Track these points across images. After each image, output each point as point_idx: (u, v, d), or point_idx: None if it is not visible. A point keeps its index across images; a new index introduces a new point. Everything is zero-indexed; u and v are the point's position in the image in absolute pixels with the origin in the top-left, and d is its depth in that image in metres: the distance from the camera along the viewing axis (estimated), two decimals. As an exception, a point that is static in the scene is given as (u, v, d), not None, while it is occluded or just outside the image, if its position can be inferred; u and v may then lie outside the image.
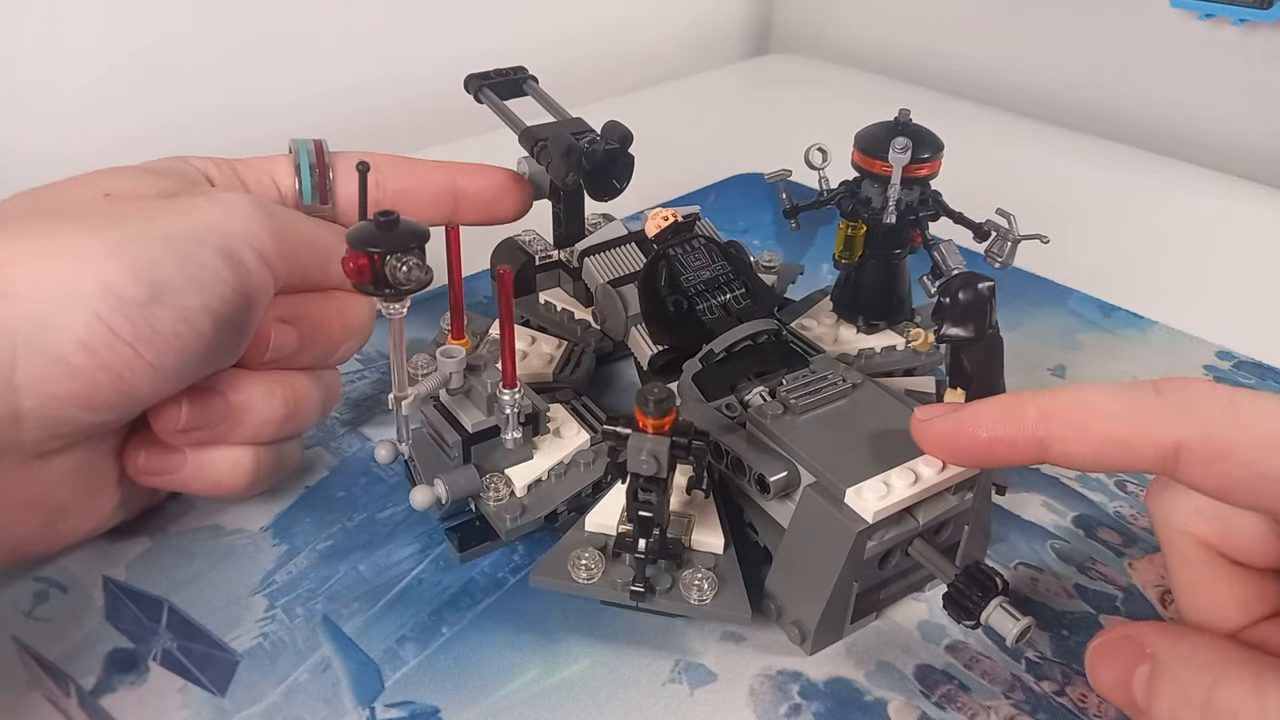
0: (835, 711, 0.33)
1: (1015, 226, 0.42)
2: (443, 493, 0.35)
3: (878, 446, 0.33)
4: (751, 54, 1.03)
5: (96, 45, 0.63)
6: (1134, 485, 0.43)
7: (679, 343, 0.40)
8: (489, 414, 0.37)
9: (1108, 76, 0.80)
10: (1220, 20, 0.72)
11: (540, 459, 0.38)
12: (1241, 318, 0.55)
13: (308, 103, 0.73)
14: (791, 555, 0.34)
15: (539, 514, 0.36)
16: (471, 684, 0.33)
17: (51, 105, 0.63)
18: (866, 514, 0.31)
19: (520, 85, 0.49)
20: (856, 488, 0.32)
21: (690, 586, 0.33)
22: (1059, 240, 0.45)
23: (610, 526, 0.35)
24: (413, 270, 0.31)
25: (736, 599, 0.33)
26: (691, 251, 0.41)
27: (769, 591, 0.35)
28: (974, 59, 0.87)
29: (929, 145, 0.43)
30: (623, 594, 0.33)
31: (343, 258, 0.31)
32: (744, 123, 0.49)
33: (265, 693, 0.33)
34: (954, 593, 0.31)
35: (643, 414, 0.31)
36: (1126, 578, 0.38)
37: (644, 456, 0.31)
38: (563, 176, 0.44)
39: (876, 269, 0.46)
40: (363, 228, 0.32)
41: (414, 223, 0.32)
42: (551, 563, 0.34)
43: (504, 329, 0.35)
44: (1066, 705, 0.33)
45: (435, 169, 0.44)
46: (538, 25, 0.84)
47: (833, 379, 0.37)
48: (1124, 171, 0.73)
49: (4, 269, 0.30)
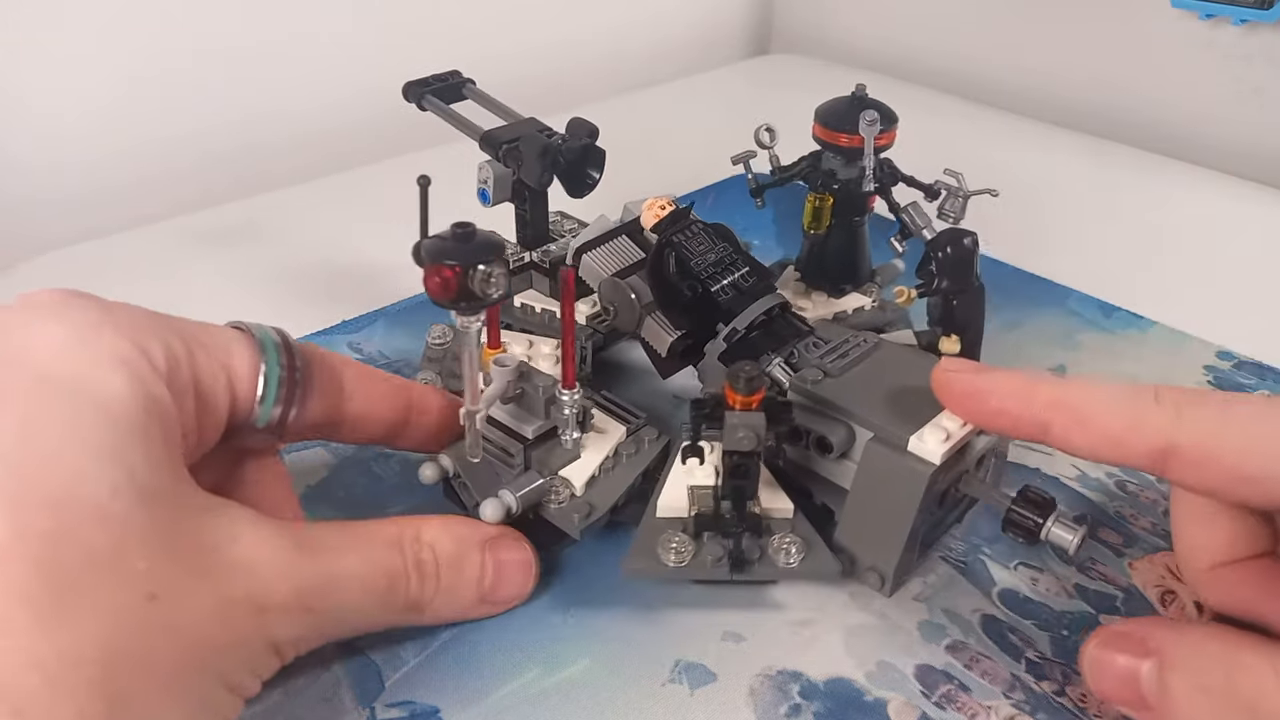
0: (835, 711, 0.33)
1: (964, 184, 0.45)
2: (512, 502, 0.35)
3: (917, 396, 0.35)
4: (751, 54, 1.03)
5: (100, 57, 0.63)
6: (1134, 485, 0.43)
7: (697, 326, 0.41)
8: (545, 417, 0.37)
9: (1108, 76, 0.80)
10: (1221, 20, 0.72)
11: (589, 456, 0.38)
12: (1241, 318, 0.55)
13: (307, 104, 0.73)
14: (861, 507, 0.36)
15: (604, 509, 0.37)
16: (471, 684, 0.33)
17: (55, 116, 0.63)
18: (934, 457, 0.34)
19: (460, 89, 0.49)
20: (918, 434, 0.34)
21: (779, 551, 0.35)
22: (1059, 240, 0.45)
23: (681, 509, 0.36)
24: (497, 280, 0.31)
25: (824, 558, 0.35)
26: (694, 237, 0.42)
27: (839, 545, 0.37)
28: (974, 59, 0.87)
29: (887, 118, 0.46)
30: (720, 570, 0.35)
31: (425, 274, 0.30)
32: (744, 123, 0.49)
33: (265, 693, 0.32)
34: (1014, 515, 0.34)
35: (734, 392, 0.33)
36: (1126, 578, 0.38)
37: (742, 434, 0.33)
38: (537, 177, 0.44)
39: (840, 236, 0.49)
40: (436, 243, 0.30)
41: (486, 231, 0.31)
42: (641, 552, 0.35)
43: (565, 329, 0.35)
44: (1066, 705, 0.33)
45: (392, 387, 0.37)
46: (538, 26, 0.84)
47: (853, 342, 0.39)
48: (1124, 171, 0.73)
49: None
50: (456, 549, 0.33)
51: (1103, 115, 0.80)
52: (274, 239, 0.61)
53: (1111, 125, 0.79)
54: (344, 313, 0.53)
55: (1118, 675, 0.29)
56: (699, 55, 0.96)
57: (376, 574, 0.31)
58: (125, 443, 0.26)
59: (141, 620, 0.25)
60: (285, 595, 0.28)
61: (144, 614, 0.25)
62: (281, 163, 0.72)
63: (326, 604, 0.30)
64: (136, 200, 0.66)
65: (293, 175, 0.70)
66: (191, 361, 0.30)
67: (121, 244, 0.61)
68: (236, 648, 0.27)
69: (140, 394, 0.27)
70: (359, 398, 0.35)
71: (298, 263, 0.59)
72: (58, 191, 0.64)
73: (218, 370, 0.30)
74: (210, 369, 0.30)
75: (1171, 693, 0.28)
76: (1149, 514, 0.41)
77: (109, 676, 0.24)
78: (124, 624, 0.24)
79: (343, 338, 0.51)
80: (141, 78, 0.65)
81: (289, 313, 0.53)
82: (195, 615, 0.26)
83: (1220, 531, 0.32)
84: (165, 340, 0.29)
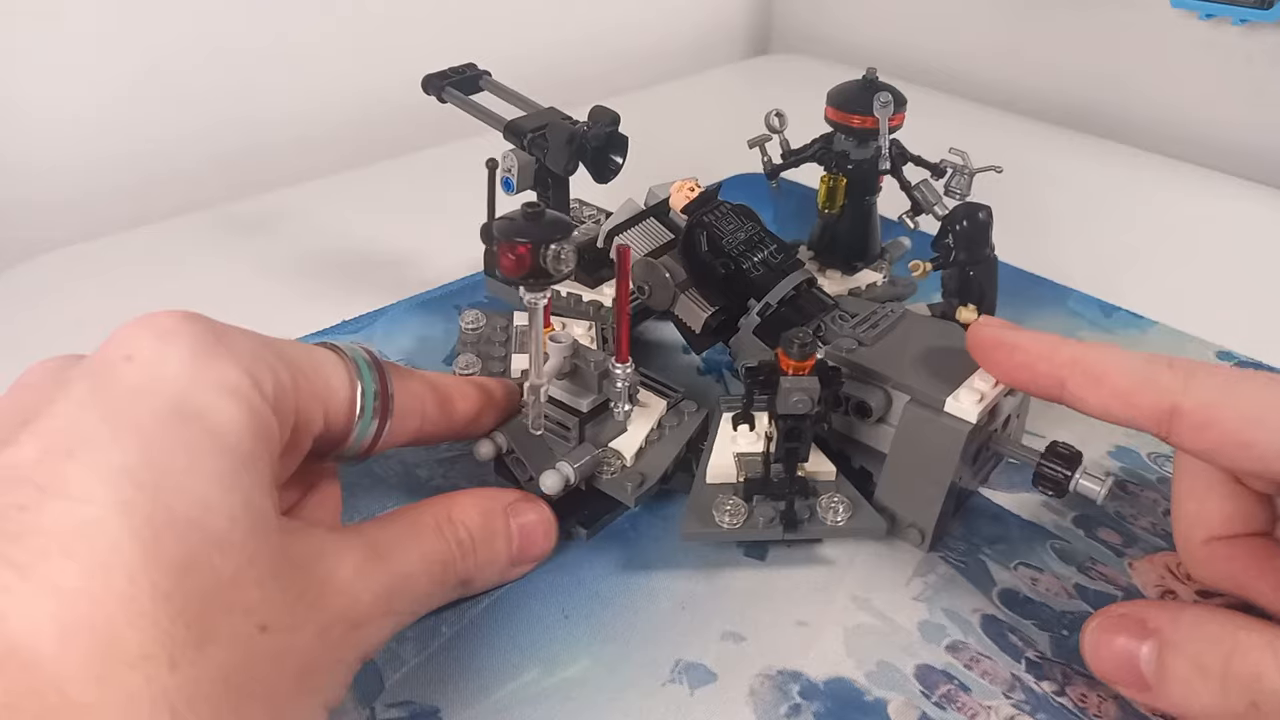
0: (835, 711, 0.33)
1: (969, 161, 0.47)
2: (570, 474, 0.37)
3: (947, 360, 0.38)
4: (751, 54, 1.03)
5: (100, 57, 0.63)
6: (1134, 486, 0.43)
7: (730, 302, 0.42)
8: (597, 392, 0.38)
9: (1108, 76, 0.80)
10: (1221, 20, 0.72)
11: (635, 429, 0.39)
12: (1241, 318, 0.55)
13: (308, 103, 0.73)
14: (900, 467, 0.38)
15: (655, 478, 0.38)
16: (471, 684, 0.33)
17: (55, 116, 0.63)
18: (970, 416, 0.35)
19: (476, 81, 0.50)
20: (954, 395, 0.36)
21: (827, 510, 0.37)
22: (1059, 240, 0.45)
23: (729, 475, 0.38)
24: (567, 257, 0.33)
25: (870, 516, 0.37)
26: (723, 217, 0.43)
27: (879, 505, 0.38)
28: (974, 59, 0.87)
29: (898, 100, 0.48)
30: (774, 530, 0.36)
31: (500, 251, 0.33)
32: (744, 123, 0.50)
33: (265, 693, 0.33)
34: (1044, 468, 0.35)
35: (788, 358, 0.34)
36: (1127, 578, 0.38)
37: (796, 397, 0.34)
38: (564, 164, 0.45)
39: (852, 215, 0.51)
40: (508, 223, 0.33)
41: (554, 211, 0.33)
42: (696, 516, 0.37)
43: (620, 305, 0.36)
44: (1067, 705, 0.33)
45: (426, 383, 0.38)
46: (538, 26, 0.84)
47: (881, 313, 0.41)
48: (1124, 171, 0.73)
49: None
50: (484, 520, 0.34)
51: (1103, 115, 0.80)
52: (274, 238, 0.61)
53: (1111, 125, 0.79)
54: (344, 312, 0.53)
55: (1116, 656, 0.30)
56: (699, 55, 0.96)
57: (434, 564, 0.32)
58: (241, 472, 0.26)
59: (255, 651, 0.25)
60: (370, 605, 0.29)
61: (257, 645, 0.25)
62: (282, 162, 0.72)
63: (404, 603, 0.31)
64: (137, 200, 0.66)
65: (293, 175, 0.70)
66: (296, 390, 0.30)
67: (122, 244, 0.61)
68: (335, 667, 0.28)
69: (252, 423, 0.27)
70: (436, 420, 0.36)
71: (298, 262, 0.59)
72: (58, 192, 0.64)
73: (318, 397, 0.31)
74: (311, 396, 0.31)
75: (1170, 673, 0.28)
76: (1149, 514, 0.41)
77: (228, 711, 0.24)
78: (241, 656, 0.24)
79: (343, 337, 0.51)
80: (141, 78, 0.65)
81: (289, 312, 0.53)
82: (301, 643, 0.26)
83: (1218, 505, 0.33)
84: (275, 369, 0.29)
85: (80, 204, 0.64)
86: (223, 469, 0.26)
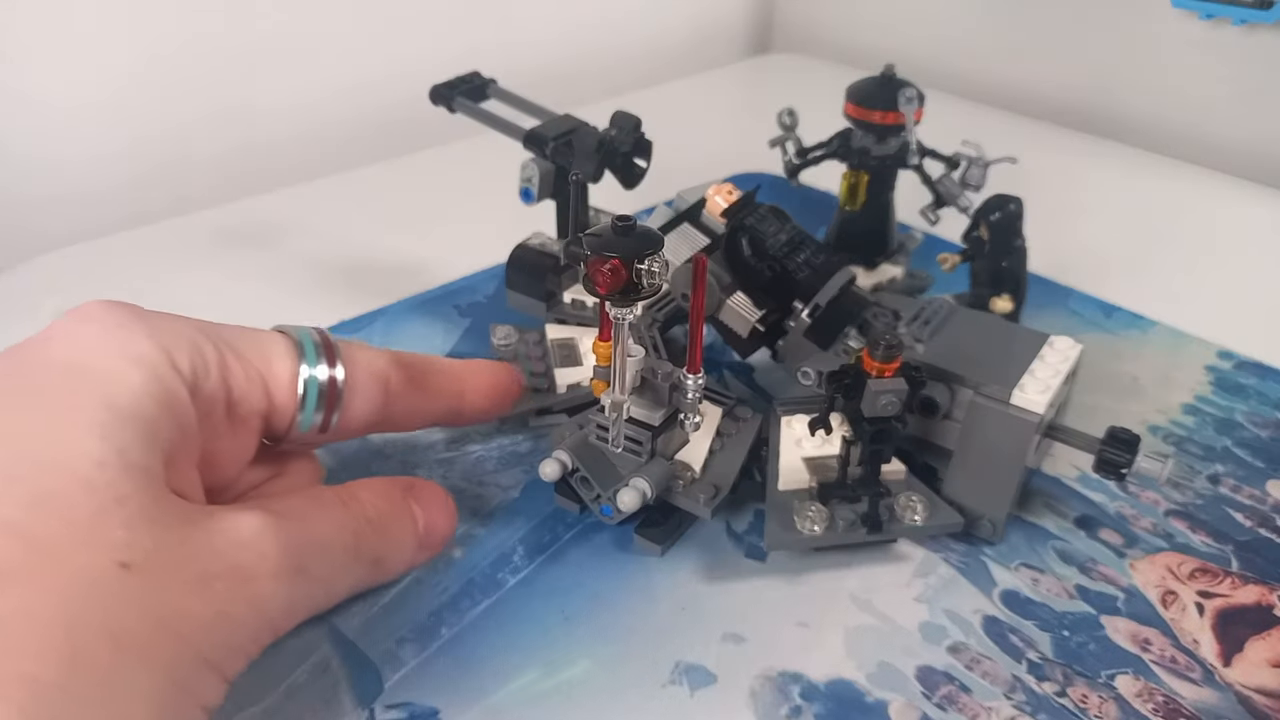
0: (836, 713, 0.32)
1: (983, 152, 0.48)
2: (647, 489, 0.36)
3: (1002, 353, 0.38)
4: (751, 54, 1.03)
5: (101, 55, 0.63)
6: (1134, 485, 0.43)
7: (778, 304, 0.42)
8: (667, 404, 0.37)
9: (1108, 76, 0.80)
10: (1221, 21, 0.72)
11: (698, 439, 0.39)
12: (1242, 318, 0.55)
13: (308, 103, 0.73)
14: (969, 461, 0.38)
15: (726, 488, 0.38)
16: (471, 685, 0.33)
17: (55, 113, 0.62)
18: (1038, 407, 0.36)
19: (484, 90, 0.49)
20: (1019, 387, 0.36)
21: (905, 510, 0.37)
22: (1059, 240, 0.45)
23: (801, 481, 0.38)
24: (660, 272, 0.32)
25: (947, 512, 0.37)
26: (763, 219, 0.43)
27: (948, 499, 0.38)
28: (974, 59, 0.87)
29: (920, 96, 0.48)
30: (857, 532, 0.36)
31: (592, 266, 0.31)
32: (744, 122, 0.50)
33: (265, 693, 0.32)
34: (1105, 454, 0.36)
35: (873, 360, 0.34)
36: (1128, 578, 0.38)
37: (885, 400, 0.34)
38: (592, 171, 0.45)
39: (871, 211, 0.51)
40: (599, 237, 0.31)
41: (646, 225, 0.32)
42: (779, 527, 0.37)
43: (694, 315, 0.35)
44: (1068, 706, 0.33)
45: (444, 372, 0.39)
46: (538, 26, 0.84)
47: (930, 308, 0.41)
48: (1124, 171, 0.73)
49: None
50: (388, 503, 0.34)
51: (1101, 115, 0.80)
52: (275, 238, 0.61)
53: (1110, 125, 0.79)
54: (344, 312, 0.52)
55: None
56: (699, 55, 0.96)
57: (346, 532, 0.31)
58: (123, 426, 0.27)
59: (112, 587, 0.25)
60: (277, 560, 0.28)
61: (115, 581, 0.25)
62: (283, 161, 0.72)
63: (318, 566, 0.30)
64: (137, 199, 0.66)
65: (293, 174, 0.70)
66: (224, 369, 0.30)
67: (122, 243, 0.61)
68: (218, 621, 0.27)
69: (156, 391, 0.28)
70: (406, 397, 0.36)
71: (298, 261, 0.59)
72: (58, 189, 0.64)
73: (254, 378, 0.31)
74: (245, 377, 0.31)
75: None
76: (1150, 514, 0.41)
77: (69, 639, 0.24)
78: (92, 589, 0.24)
79: (343, 337, 0.50)
80: (143, 75, 0.65)
81: (289, 311, 0.53)
82: (172, 587, 0.26)
83: None
84: (196, 347, 0.30)
85: (81, 201, 0.64)
86: (103, 420, 0.26)
